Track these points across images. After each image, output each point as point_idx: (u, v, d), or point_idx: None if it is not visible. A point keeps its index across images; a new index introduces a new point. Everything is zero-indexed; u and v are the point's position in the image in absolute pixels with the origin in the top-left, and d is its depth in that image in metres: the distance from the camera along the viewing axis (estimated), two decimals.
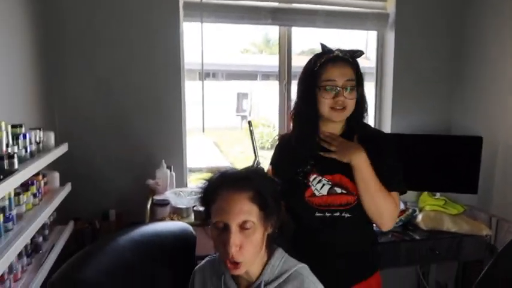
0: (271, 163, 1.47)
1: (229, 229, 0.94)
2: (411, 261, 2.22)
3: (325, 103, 1.29)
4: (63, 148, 1.76)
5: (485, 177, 2.31)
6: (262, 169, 1.14)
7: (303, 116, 1.35)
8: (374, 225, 1.37)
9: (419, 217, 2.20)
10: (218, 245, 0.99)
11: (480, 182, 2.28)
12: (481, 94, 2.46)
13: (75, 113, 2.21)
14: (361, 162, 1.25)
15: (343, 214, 1.29)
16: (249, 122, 2.15)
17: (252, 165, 1.09)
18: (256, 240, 0.98)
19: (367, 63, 2.71)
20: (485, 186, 2.34)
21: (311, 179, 1.32)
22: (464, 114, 2.58)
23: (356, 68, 1.31)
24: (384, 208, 1.28)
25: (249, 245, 0.96)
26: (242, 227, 0.96)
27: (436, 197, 2.31)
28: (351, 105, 1.29)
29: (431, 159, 2.37)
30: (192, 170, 2.54)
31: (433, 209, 2.22)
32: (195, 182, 2.51)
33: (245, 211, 0.96)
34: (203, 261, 1.19)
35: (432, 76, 2.62)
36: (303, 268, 1.06)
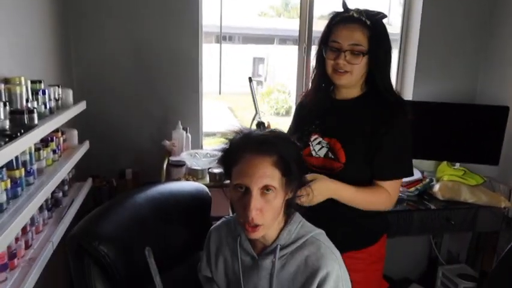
0: (292, 121, 1.49)
1: (250, 193, 0.93)
2: (425, 231, 2.22)
3: (329, 64, 1.27)
4: (82, 106, 1.77)
5: (507, 148, 2.25)
6: (286, 133, 1.12)
7: (315, 75, 1.36)
8: None
9: (437, 187, 2.17)
10: (237, 208, 0.98)
11: (502, 153, 2.22)
12: (509, 62, 2.35)
13: (93, 72, 2.21)
14: (335, 194, 1.23)
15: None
16: (249, 78, 2.20)
17: (276, 129, 1.05)
18: (276, 205, 0.97)
19: (389, 28, 2.59)
20: (507, 157, 2.28)
21: (312, 139, 1.33)
22: (491, 83, 2.49)
23: (373, 31, 1.23)
24: (377, 205, 1.29)
25: (269, 209, 0.95)
26: (263, 191, 0.94)
27: (456, 167, 2.27)
28: (356, 69, 1.24)
29: (453, 128, 2.31)
30: (206, 134, 2.54)
31: (451, 179, 2.18)
32: (210, 146, 2.52)
33: (267, 176, 0.94)
34: (219, 222, 1.19)
35: (459, 44, 2.51)
36: (320, 234, 1.06)
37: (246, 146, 0.97)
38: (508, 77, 2.36)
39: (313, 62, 1.37)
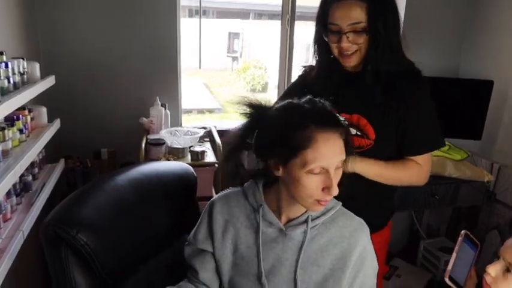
0: (286, 91, 1.38)
1: (329, 172, 0.90)
2: (409, 206, 2.22)
3: (333, 47, 1.18)
4: (51, 81, 1.62)
5: (490, 123, 2.25)
6: None
7: (318, 58, 1.27)
8: None
9: None
10: (307, 188, 0.91)
11: (485, 127, 2.23)
12: (493, 36, 2.33)
13: (62, 46, 2.04)
14: (360, 168, 1.16)
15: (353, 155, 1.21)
16: None
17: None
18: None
19: None
20: (490, 132, 2.29)
21: None
22: (475, 57, 2.47)
23: (370, 2, 1.12)
24: (409, 182, 1.24)
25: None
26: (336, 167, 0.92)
27: None
28: (363, 47, 1.15)
29: (437, 103, 2.28)
30: (183, 111, 2.43)
31: (436, 154, 2.17)
32: (189, 123, 2.43)
33: (342, 153, 0.92)
34: (223, 193, 1.09)
35: (442, 18, 2.47)
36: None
37: (317, 126, 0.89)
38: (492, 51, 2.34)
39: (311, 45, 1.27)
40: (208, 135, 2.23)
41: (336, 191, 0.91)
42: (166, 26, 2.14)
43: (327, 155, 0.89)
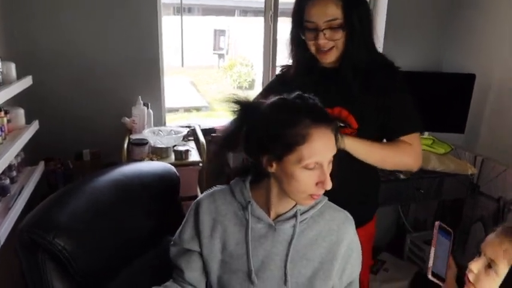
0: (265, 88, 1.37)
1: (322, 167, 0.92)
2: (394, 200, 2.23)
3: (310, 44, 1.19)
4: (27, 81, 1.58)
5: (473, 116, 2.27)
6: None
7: (294, 55, 1.27)
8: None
9: None
10: (301, 183, 0.92)
11: (468, 121, 2.25)
12: (474, 30, 2.35)
13: (40, 45, 1.98)
14: (349, 145, 1.15)
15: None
16: None
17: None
18: None
19: None
20: (473, 125, 2.31)
21: None
22: (457, 50, 2.48)
23: None
24: (401, 161, 1.23)
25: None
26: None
27: (424, 137, 2.27)
28: (339, 43, 1.17)
29: (420, 97, 2.28)
30: (168, 110, 2.40)
31: None
32: (173, 122, 2.40)
33: (334, 148, 0.94)
34: (208, 191, 1.08)
35: (424, 12, 2.47)
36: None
37: (313, 122, 0.90)
38: (474, 45, 2.36)
39: (288, 43, 1.27)
40: (193, 134, 2.21)
41: (330, 184, 0.92)
42: (146, 24, 2.09)
43: (322, 150, 0.90)
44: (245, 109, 0.97)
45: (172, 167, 1.34)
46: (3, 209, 1.33)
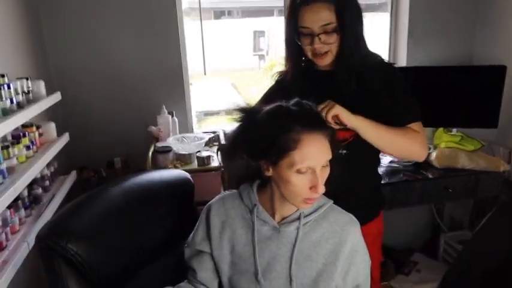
0: (264, 95, 1.39)
1: (315, 172, 0.94)
2: (424, 201, 2.17)
3: (307, 49, 1.20)
4: (56, 97, 1.70)
5: (506, 109, 2.15)
6: None
7: (289, 59, 1.30)
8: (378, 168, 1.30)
9: (433, 155, 2.09)
10: (295, 187, 0.95)
11: (501, 115, 2.13)
12: (505, 20, 2.22)
13: (71, 62, 2.12)
14: (358, 123, 1.15)
15: (339, 151, 1.20)
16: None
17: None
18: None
19: None
20: (506, 119, 2.19)
21: None
22: (487, 43, 2.36)
23: (337, 2, 1.14)
24: (410, 147, 1.21)
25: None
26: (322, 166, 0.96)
27: (452, 133, 2.18)
28: (334, 47, 1.18)
29: (449, 92, 2.21)
30: (209, 114, 2.46)
31: (448, 146, 2.10)
32: (213, 125, 2.42)
33: (328, 153, 0.96)
34: (218, 196, 1.13)
35: (452, 4, 2.37)
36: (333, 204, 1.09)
37: (304, 127, 0.93)
38: (504, 36, 2.24)
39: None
40: (217, 139, 2.26)
41: (322, 189, 0.95)
42: (167, 33, 2.17)
43: (313, 155, 0.93)
44: (245, 116, 1.01)
45: (186, 174, 1.39)
46: (36, 216, 1.45)
